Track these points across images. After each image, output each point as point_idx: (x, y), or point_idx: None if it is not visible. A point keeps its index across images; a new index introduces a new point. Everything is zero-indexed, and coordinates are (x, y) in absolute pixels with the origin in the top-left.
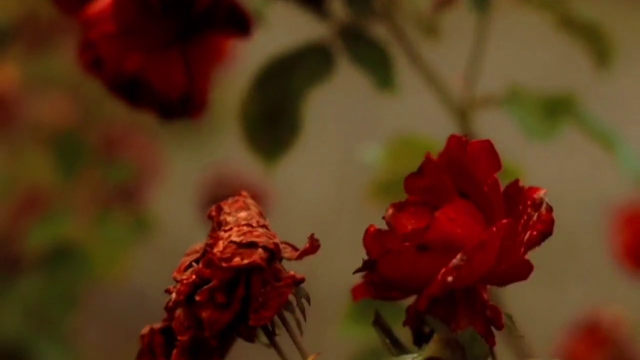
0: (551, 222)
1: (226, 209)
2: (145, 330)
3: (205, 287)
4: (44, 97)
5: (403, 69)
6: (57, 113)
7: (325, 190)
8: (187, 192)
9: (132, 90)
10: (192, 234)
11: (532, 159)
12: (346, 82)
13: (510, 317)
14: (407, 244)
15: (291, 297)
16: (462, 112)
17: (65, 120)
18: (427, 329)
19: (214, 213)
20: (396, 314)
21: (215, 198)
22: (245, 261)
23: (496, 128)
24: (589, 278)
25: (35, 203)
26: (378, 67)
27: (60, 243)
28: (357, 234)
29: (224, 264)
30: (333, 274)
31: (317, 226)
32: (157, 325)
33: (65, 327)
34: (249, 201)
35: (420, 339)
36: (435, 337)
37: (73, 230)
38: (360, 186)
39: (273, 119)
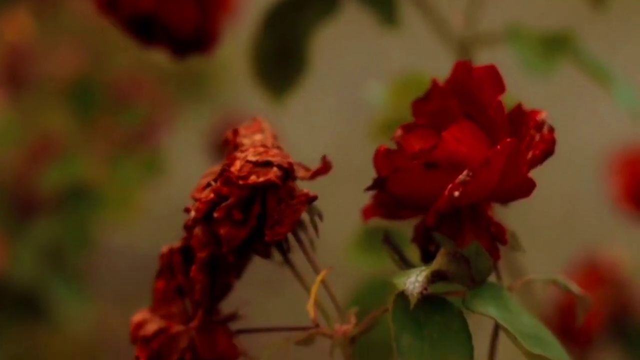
0: (552, 142)
1: (242, 131)
2: (164, 249)
3: (223, 204)
4: (56, 48)
5: (405, 7)
6: (70, 63)
7: (330, 130)
8: (196, 138)
9: (146, 28)
10: None
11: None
12: (350, 22)
13: (513, 235)
14: (415, 162)
15: (305, 216)
16: (464, 50)
17: (78, 70)
18: (433, 248)
19: (230, 136)
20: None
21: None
22: (261, 179)
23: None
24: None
25: (49, 148)
26: (381, 4)
27: (73, 185)
28: (361, 173)
29: (241, 182)
30: (338, 211)
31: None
32: (176, 244)
33: (78, 268)
34: (264, 125)
35: (428, 257)
36: (442, 251)
37: (86, 173)
38: (365, 125)
39: (281, 57)
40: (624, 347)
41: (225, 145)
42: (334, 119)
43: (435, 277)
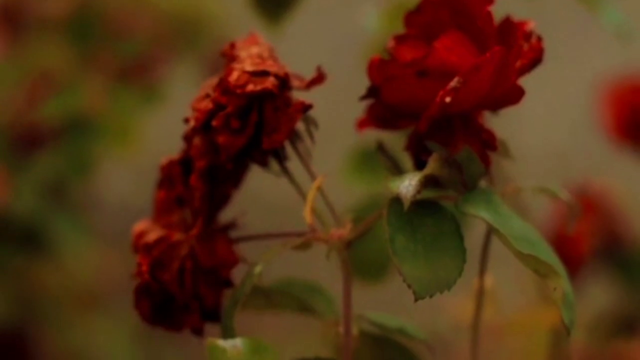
0: (541, 51)
1: (239, 45)
2: (164, 161)
3: (221, 113)
4: None
5: None
6: None
7: (324, 53)
8: (194, 73)
9: None
10: None
11: None
12: None
13: (503, 142)
14: (407, 70)
15: (300, 126)
16: None
17: (75, 3)
18: (426, 157)
19: (227, 50)
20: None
21: None
22: (259, 87)
23: None
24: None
25: (49, 83)
26: None
27: (73, 117)
28: (354, 95)
29: (238, 91)
30: (331, 127)
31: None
32: (175, 156)
33: (79, 203)
34: (260, 39)
35: (420, 166)
36: (434, 156)
37: (86, 105)
38: (358, 49)
39: None
40: (614, 273)
41: (223, 59)
42: (329, 43)
43: (428, 181)
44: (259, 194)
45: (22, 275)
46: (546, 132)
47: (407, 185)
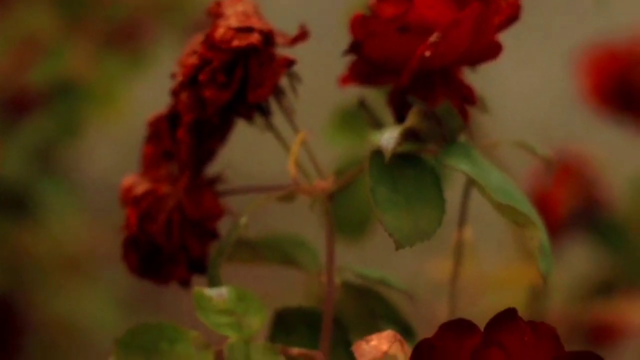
0: (517, 7)
1: (225, 3)
2: (151, 117)
3: (207, 68)
4: None
5: None
6: None
7: (308, 11)
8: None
9: None
10: None
11: None
12: None
13: (482, 98)
14: (389, 26)
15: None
16: None
17: None
18: (407, 112)
19: (213, 8)
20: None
21: None
22: (244, 43)
23: None
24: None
25: (36, 47)
26: None
27: (60, 81)
28: (337, 52)
29: (224, 46)
30: (314, 84)
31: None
32: (162, 112)
33: (67, 169)
34: None
35: (401, 120)
36: (415, 109)
37: (73, 69)
38: (341, 7)
39: None
40: (592, 238)
41: (209, 17)
42: (312, 1)
43: (409, 135)
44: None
45: (8, 241)
46: (526, 101)
47: (388, 137)
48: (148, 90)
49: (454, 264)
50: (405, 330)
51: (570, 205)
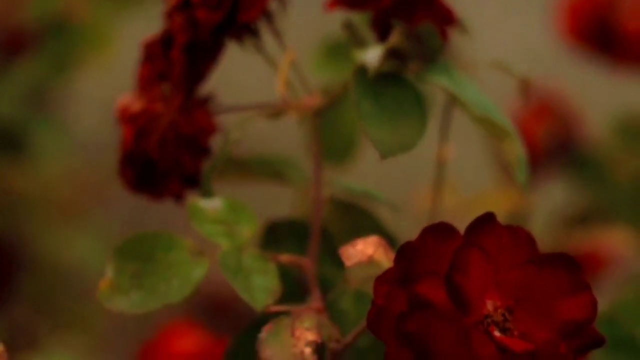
0: None
1: None
2: (146, 40)
3: None
4: None
5: None
6: None
7: None
8: None
9: None
10: None
11: None
12: None
13: (461, 20)
14: None
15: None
16: None
17: None
18: (390, 33)
19: None
20: None
21: None
22: None
23: None
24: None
25: None
26: None
27: (54, 19)
28: None
29: None
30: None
31: None
32: (156, 35)
33: (58, 111)
34: None
35: (385, 41)
36: (397, 29)
37: (66, 9)
38: None
39: None
40: (568, 173)
41: None
42: None
43: (391, 54)
44: None
45: (1, 181)
46: (506, 41)
47: (372, 55)
48: (140, 31)
49: (436, 179)
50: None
51: (547, 141)
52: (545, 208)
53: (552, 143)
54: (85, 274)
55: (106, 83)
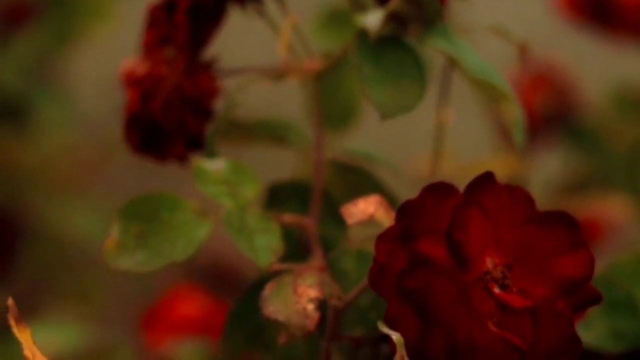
0: None
1: None
2: (150, 5)
3: None
4: None
5: None
6: None
7: None
8: None
9: None
10: None
11: None
12: None
13: None
14: None
15: None
16: None
17: None
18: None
19: None
20: None
21: None
22: None
23: None
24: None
25: None
26: None
27: None
28: None
29: None
30: None
31: None
32: (160, 0)
33: (60, 81)
34: None
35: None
36: None
37: None
38: None
39: None
40: (565, 142)
41: None
42: None
43: (391, 18)
44: None
45: (2, 153)
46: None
47: (373, 19)
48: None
49: (435, 143)
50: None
51: (545, 111)
52: (543, 177)
53: (550, 113)
54: (85, 246)
55: (107, 57)
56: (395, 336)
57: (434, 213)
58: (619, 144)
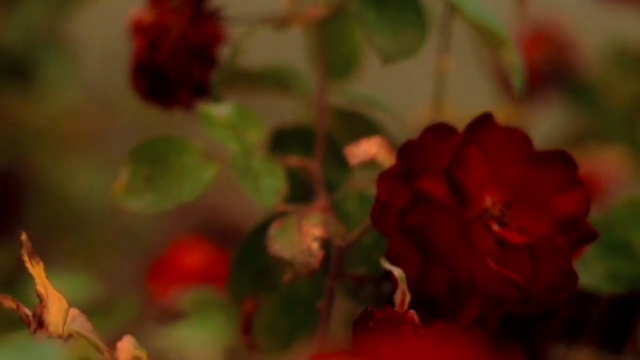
0: None
1: None
2: None
3: None
4: None
5: None
6: None
7: None
8: None
9: None
10: None
11: None
12: None
13: None
14: None
15: None
16: None
17: None
18: None
19: None
20: None
21: None
22: None
23: None
24: None
25: None
26: None
27: None
28: None
29: None
30: None
31: None
32: None
33: (68, 39)
34: None
35: None
36: None
37: None
38: None
39: None
40: (564, 99)
41: None
42: None
43: None
44: None
45: (8, 111)
46: None
47: None
48: None
49: (435, 94)
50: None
51: (543, 68)
52: (541, 132)
53: (549, 70)
54: (89, 204)
55: (112, 17)
56: (397, 271)
57: (434, 152)
58: (617, 99)
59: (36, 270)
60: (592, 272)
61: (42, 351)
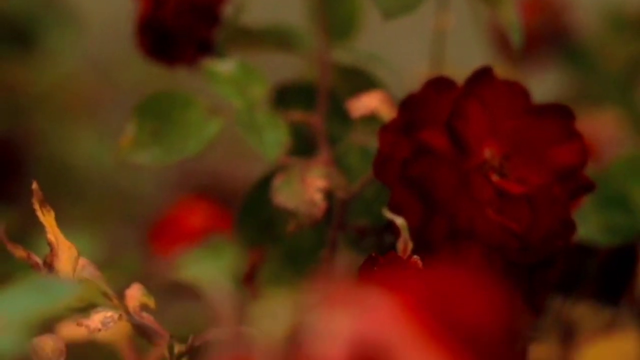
0: None
1: None
2: None
3: None
4: None
5: None
6: None
7: None
8: None
9: None
10: None
11: None
12: None
13: None
14: None
15: None
16: None
17: None
18: None
19: None
20: None
21: None
22: None
23: None
24: None
25: None
26: None
27: None
28: None
29: None
30: None
31: None
32: None
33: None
34: None
35: None
36: None
37: None
38: None
39: None
40: (560, 63)
41: None
42: None
43: None
44: None
45: (9, 78)
46: None
47: None
48: None
49: (434, 52)
50: None
51: (540, 32)
52: (537, 96)
53: (545, 33)
54: (90, 170)
55: None
56: (399, 220)
57: (435, 105)
58: (613, 62)
59: (47, 218)
60: (589, 225)
61: (57, 287)
